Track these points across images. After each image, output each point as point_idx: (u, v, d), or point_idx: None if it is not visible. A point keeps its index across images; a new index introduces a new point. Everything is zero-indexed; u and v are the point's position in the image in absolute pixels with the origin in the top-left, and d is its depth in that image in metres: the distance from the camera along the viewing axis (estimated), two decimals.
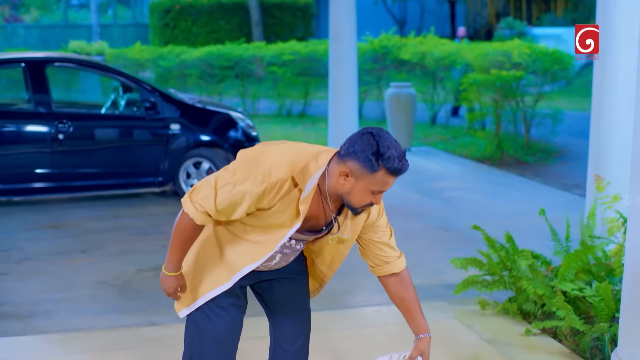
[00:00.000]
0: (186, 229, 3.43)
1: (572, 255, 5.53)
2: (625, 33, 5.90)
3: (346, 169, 3.26)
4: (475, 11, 34.65)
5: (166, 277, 3.58)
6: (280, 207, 3.34)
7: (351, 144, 3.25)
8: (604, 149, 6.18)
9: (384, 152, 3.20)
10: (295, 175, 3.28)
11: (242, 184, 3.28)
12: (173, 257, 3.52)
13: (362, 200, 3.33)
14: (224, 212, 3.34)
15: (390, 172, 3.25)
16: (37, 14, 33.77)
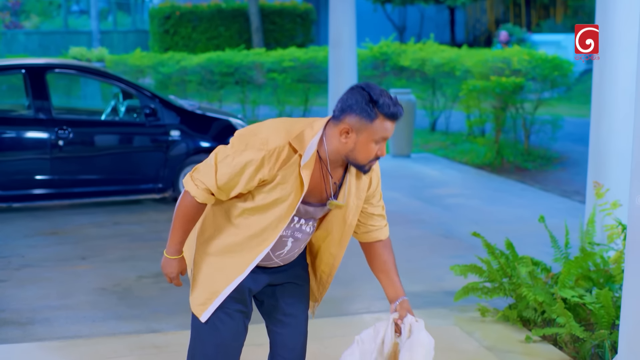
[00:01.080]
0: (188, 208, 3.46)
1: (572, 262, 5.54)
2: (625, 38, 5.91)
3: (346, 126, 3.31)
4: (474, 18, 34.68)
5: (168, 260, 3.64)
6: (283, 178, 3.34)
7: (344, 101, 3.32)
8: (604, 156, 6.18)
9: (378, 99, 3.28)
10: (292, 141, 3.32)
11: (240, 155, 3.32)
12: (175, 239, 3.57)
13: (368, 153, 3.37)
14: (225, 188, 3.36)
15: (388, 117, 3.31)
16: (37, 20, 33.80)
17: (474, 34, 34.45)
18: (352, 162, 3.41)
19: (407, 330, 3.57)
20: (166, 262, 3.65)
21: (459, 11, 34.39)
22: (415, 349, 3.50)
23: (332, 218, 3.59)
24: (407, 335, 3.55)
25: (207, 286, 3.56)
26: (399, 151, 13.45)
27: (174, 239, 3.57)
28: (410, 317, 3.60)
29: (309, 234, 3.59)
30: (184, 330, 5.97)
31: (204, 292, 3.56)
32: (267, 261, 3.58)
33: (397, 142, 13.45)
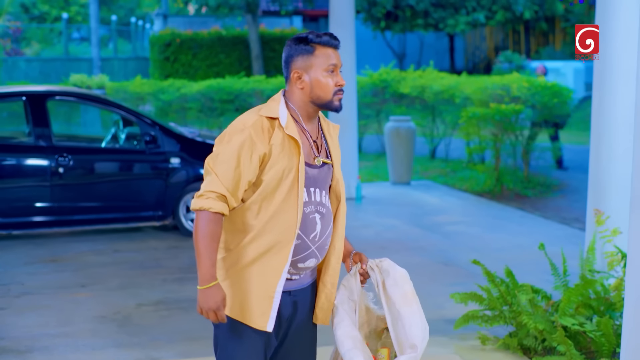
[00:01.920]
0: (207, 226, 3.35)
1: (572, 289, 5.53)
2: (623, 66, 5.94)
3: (295, 73, 3.48)
4: (474, 45, 34.83)
5: (206, 291, 3.36)
6: (277, 148, 3.40)
7: (283, 60, 3.53)
8: (604, 183, 6.20)
9: (306, 35, 3.49)
10: (263, 114, 3.44)
11: (229, 146, 3.37)
12: (205, 264, 3.35)
13: (327, 86, 3.47)
14: (233, 186, 3.36)
15: (325, 44, 3.50)
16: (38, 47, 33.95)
17: (473, 61, 34.59)
18: (319, 104, 3.51)
19: (378, 272, 3.69)
20: (205, 295, 3.35)
21: (459, 38, 34.54)
22: (400, 282, 3.69)
23: (335, 211, 3.64)
24: (380, 276, 3.69)
25: (259, 296, 3.45)
26: (398, 178, 13.46)
27: (205, 264, 3.35)
28: (372, 261, 3.72)
29: (329, 208, 3.59)
30: (184, 358, 5.96)
31: (260, 302, 3.45)
32: (305, 251, 3.51)
33: (396, 169, 13.46)
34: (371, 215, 10.92)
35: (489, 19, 29.27)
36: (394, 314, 3.64)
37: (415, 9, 29.20)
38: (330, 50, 3.50)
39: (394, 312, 3.64)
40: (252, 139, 3.37)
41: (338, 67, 3.51)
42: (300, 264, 3.53)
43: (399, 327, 3.62)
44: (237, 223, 3.47)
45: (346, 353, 3.53)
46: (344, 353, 3.54)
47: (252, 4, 25.95)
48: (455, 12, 29.23)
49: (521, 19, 29.75)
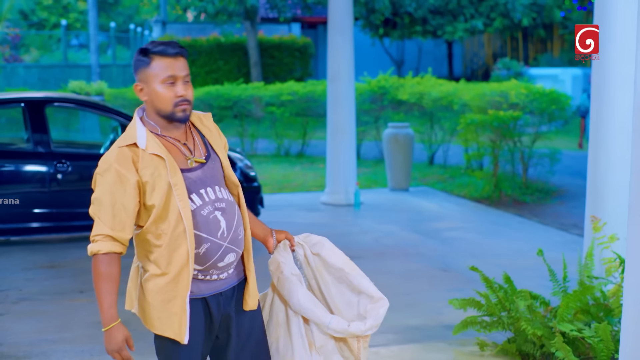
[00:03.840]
0: (101, 268, 3.43)
1: (570, 295, 5.53)
2: (621, 73, 5.94)
3: (137, 86, 3.47)
4: (472, 52, 34.88)
5: (108, 333, 3.48)
6: (148, 171, 3.39)
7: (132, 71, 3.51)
8: (602, 189, 6.20)
9: (147, 47, 3.44)
10: (121, 143, 3.42)
11: (101, 188, 3.40)
12: (104, 306, 3.45)
13: (165, 98, 3.42)
14: (117, 223, 3.39)
15: (161, 54, 3.42)
16: (37, 54, 33.97)
17: (471, 67, 34.64)
18: (163, 114, 3.47)
19: (307, 247, 3.91)
20: (108, 336, 3.50)
21: (457, 45, 34.59)
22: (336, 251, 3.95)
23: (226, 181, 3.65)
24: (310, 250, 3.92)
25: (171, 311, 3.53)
26: (396, 185, 13.47)
27: (104, 305, 3.46)
28: (297, 237, 3.95)
29: (229, 200, 3.57)
30: None
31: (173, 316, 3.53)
32: (218, 251, 3.50)
33: (395, 175, 13.47)
34: (370, 221, 10.92)
35: (487, 26, 29.32)
36: (343, 277, 3.90)
37: (413, 16, 29.25)
38: (167, 61, 3.42)
39: (343, 276, 3.89)
40: (120, 172, 3.38)
41: (179, 78, 3.44)
42: (220, 263, 3.53)
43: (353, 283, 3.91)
44: (145, 245, 3.52)
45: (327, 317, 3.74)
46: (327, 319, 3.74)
47: (251, 11, 26.00)
48: (453, 19, 29.28)
49: (519, 26, 29.81)
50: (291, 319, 3.82)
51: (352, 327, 3.76)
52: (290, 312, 3.83)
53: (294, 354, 3.79)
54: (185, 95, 3.43)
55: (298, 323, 3.82)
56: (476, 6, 29.12)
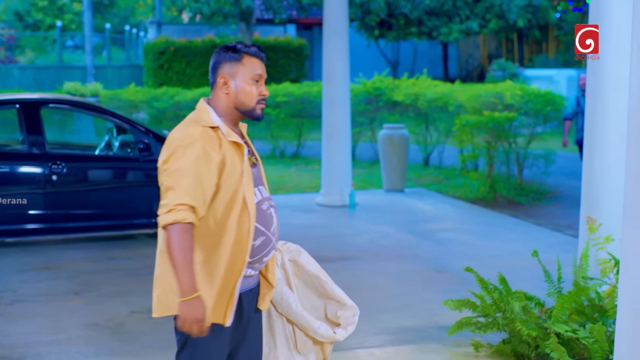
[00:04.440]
0: (182, 238, 3.35)
1: (565, 296, 5.54)
2: (616, 74, 5.95)
3: (222, 79, 3.60)
4: (467, 53, 34.90)
5: (189, 303, 3.35)
6: (228, 155, 3.51)
7: (211, 66, 3.64)
8: (596, 191, 6.21)
9: (234, 45, 3.63)
10: (204, 124, 3.51)
11: (184, 159, 3.40)
12: (185, 276, 3.34)
13: (251, 94, 3.61)
14: (200, 197, 3.40)
15: (252, 54, 3.63)
16: (32, 55, 33.95)
17: (466, 69, 34.66)
18: (242, 111, 3.63)
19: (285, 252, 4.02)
20: (189, 306, 3.35)
21: (452, 46, 34.61)
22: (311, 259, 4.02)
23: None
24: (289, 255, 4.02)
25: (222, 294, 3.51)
26: (392, 186, 13.47)
27: (185, 275, 3.34)
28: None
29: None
30: None
31: (222, 300, 3.50)
32: (268, 245, 3.64)
33: (390, 176, 13.47)
34: (365, 222, 10.92)
35: (482, 27, 29.34)
36: (316, 282, 4.01)
37: (409, 17, 29.27)
38: (256, 61, 3.62)
39: (316, 282, 4.01)
40: (206, 149, 3.44)
41: (263, 78, 3.65)
42: (265, 257, 3.66)
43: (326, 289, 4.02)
44: (200, 229, 3.48)
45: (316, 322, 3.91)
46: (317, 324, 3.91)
47: (246, 12, 25.98)
48: (448, 20, 29.30)
49: (514, 27, 29.83)
50: (275, 320, 3.92)
51: (338, 333, 3.93)
52: (274, 313, 3.91)
53: (278, 354, 3.88)
54: (267, 95, 3.65)
55: (282, 324, 3.93)
56: (471, 7, 29.14)
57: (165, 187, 3.42)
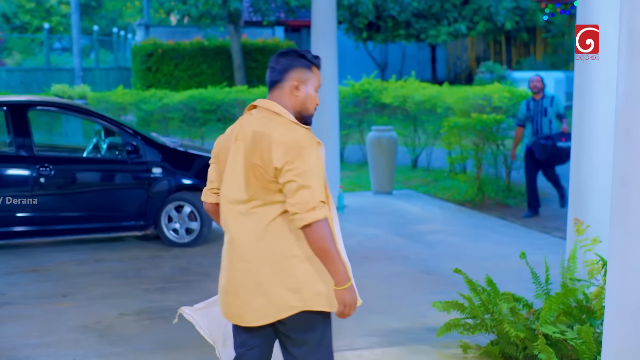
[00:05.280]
0: (329, 232, 3.62)
1: (553, 298, 5.55)
2: (603, 76, 5.97)
3: (294, 82, 3.79)
4: (455, 55, 34.97)
5: (349, 289, 3.68)
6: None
7: (280, 64, 3.80)
8: (584, 192, 6.23)
9: (304, 53, 3.85)
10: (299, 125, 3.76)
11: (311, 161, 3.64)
12: (341, 265, 3.64)
13: (314, 101, 3.87)
14: (324, 191, 3.70)
15: (318, 66, 3.89)
16: (19, 57, 33.86)
17: (455, 71, 34.73)
18: (304, 115, 3.85)
19: None
20: (350, 293, 3.68)
21: (440, 49, 34.67)
22: None
23: None
24: None
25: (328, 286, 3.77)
26: (380, 188, 13.49)
27: (340, 264, 3.64)
28: None
29: None
30: None
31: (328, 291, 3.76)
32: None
33: (378, 178, 13.49)
34: (353, 224, 10.93)
35: (470, 30, 29.41)
36: None
37: (397, 19, 29.31)
38: (319, 73, 3.89)
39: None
40: (323, 151, 3.75)
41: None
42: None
43: None
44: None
45: None
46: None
47: (234, 15, 25.98)
48: (436, 22, 29.35)
49: (502, 29, 29.91)
50: None
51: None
52: None
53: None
54: (318, 104, 3.91)
55: None
56: (459, 10, 29.20)
57: (296, 186, 3.59)
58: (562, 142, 11.18)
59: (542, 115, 11.59)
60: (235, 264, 3.77)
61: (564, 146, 11.06)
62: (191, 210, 9.67)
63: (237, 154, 3.78)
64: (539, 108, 11.64)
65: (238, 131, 3.82)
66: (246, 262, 3.73)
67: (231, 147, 3.81)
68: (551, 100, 11.68)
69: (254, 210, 3.71)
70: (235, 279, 3.77)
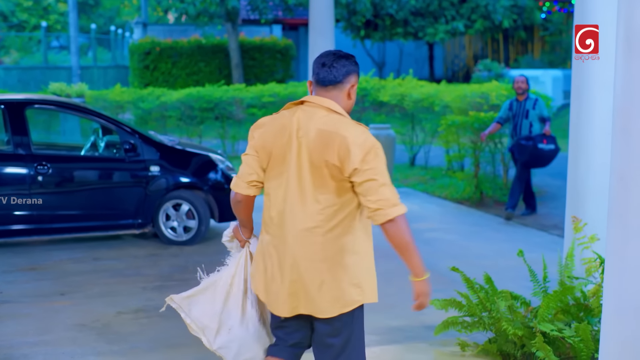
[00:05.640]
0: (408, 226, 3.90)
1: (551, 296, 5.56)
2: (601, 76, 5.98)
3: (352, 85, 3.96)
4: (453, 53, 34.96)
5: (426, 281, 3.99)
6: None
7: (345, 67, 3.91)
8: (582, 190, 6.23)
9: (356, 60, 4.01)
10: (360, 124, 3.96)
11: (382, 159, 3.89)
12: (419, 257, 3.98)
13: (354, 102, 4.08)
14: None
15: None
16: (17, 55, 33.83)
17: (452, 69, 34.72)
18: (349, 113, 4.02)
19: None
20: (428, 284, 3.97)
21: (438, 47, 34.66)
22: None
23: None
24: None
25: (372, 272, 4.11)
26: None
27: (419, 257, 3.96)
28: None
29: None
30: None
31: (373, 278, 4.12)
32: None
33: None
34: None
35: (468, 28, 29.40)
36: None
37: (394, 17, 29.30)
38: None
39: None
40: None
41: None
42: None
43: None
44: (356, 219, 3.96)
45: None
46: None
47: (232, 13, 25.97)
48: (434, 20, 29.34)
49: (500, 27, 29.91)
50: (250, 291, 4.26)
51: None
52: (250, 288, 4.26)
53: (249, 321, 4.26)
54: None
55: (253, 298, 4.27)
56: (457, 8, 29.20)
57: (378, 184, 3.79)
58: (544, 144, 11.00)
59: (523, 117, 11.36)
60: (299, 261, 3.89)
61: (545, 148, 10.89)
62: (189, 208, 9.67)
63: (299, 151, 3.84)
64: (521, 109, 11.41)
65: (296, 127, 3.84)
66: (313, 259, 3.88)
67: (292, 143, 3.85)
68: (534, 103, 11.37)
69: (323, 210, 3.85)
70: (301, 277, 3.90)
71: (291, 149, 3.84)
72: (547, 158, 11.12)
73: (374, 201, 3.77)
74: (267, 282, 4.00)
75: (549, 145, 10.95)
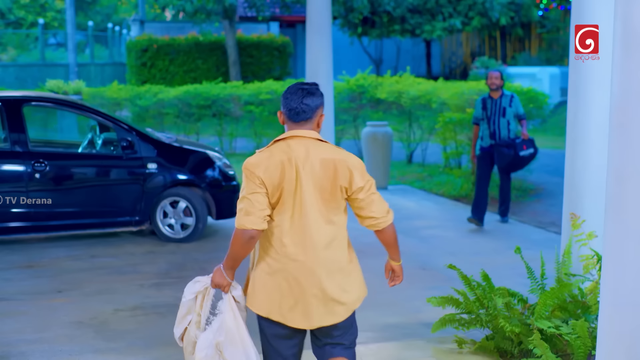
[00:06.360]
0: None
1: (548, 293, 5.56)
2: (598, 73, 5.98)
3: (322, 116, 4.30)
4: (450, 51, 34.95)
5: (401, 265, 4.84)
6: None
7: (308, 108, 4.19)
8: (579, 187, 6.23)
9: (319, 89, 4.31)
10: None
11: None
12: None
13: None
14: None
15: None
16: (14, 53, 33.76)
17: (449, 66, 34.70)
18: None
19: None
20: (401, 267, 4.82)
21: (435, 44, 34.64)
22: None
23: None
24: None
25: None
26: (375, 183, 13.46)
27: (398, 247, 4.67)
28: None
29: None
30: None
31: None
32: None
33: (373, 174, 13.48)
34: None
35: (465, 25, 29.39)
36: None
37: (392, 15, 29.28)
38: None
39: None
40: None
41: None
42: None
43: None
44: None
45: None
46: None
47: (229, 10, 25.95)
48: (431, 18, 29.33)
49: (497, 24, 29.89)
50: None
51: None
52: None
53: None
54: None
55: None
56: (454, 5, 29.18)
57: (377, 197, 4.38)
58: (524, 150, 10.39)
59: (500, 116, 10.46)
60: (321, 275, 4.24)
61: (525, 154, 10.49)
62: (186, 205, 9.66)
63: (307, 181, 4.16)
64: (496, 108, 10.48)
65: (296, 159, 4.14)
66: (331, 271, 4.28)
67: (300, 175, 4.15)
68: (510, 100, 10.51)
69: (338, 229, 4.38)
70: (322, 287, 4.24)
71: (300, 180, 4.15)
72: (526, 162, 10.71)
73: (375, 211, 4.35)
74: (284, 299, 4.23)
75: (528, 150, 10.44)
